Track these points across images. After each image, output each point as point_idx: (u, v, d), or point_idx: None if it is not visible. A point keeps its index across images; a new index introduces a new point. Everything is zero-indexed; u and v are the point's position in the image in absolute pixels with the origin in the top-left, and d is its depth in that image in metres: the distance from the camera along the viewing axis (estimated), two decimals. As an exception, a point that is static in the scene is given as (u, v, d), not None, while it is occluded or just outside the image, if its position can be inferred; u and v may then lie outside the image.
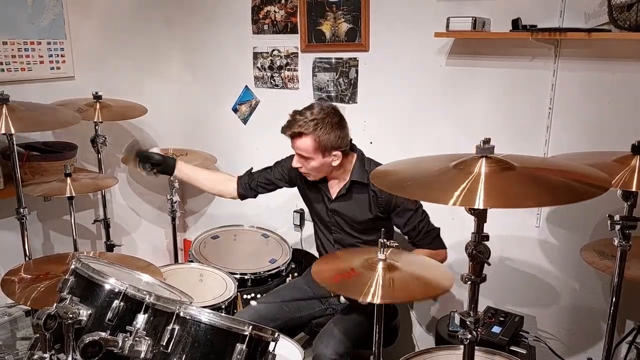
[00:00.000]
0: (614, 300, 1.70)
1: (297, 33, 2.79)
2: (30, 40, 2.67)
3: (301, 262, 2.67)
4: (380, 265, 1.60)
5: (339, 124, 2.05)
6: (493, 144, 1.29)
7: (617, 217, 1.59)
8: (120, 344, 1.31)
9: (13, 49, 2.61)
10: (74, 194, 2.31)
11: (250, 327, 1.36)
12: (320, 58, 2.75)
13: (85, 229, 3.06)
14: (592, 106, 2.07)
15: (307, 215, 2.71)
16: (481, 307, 2.17)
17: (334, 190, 2.18)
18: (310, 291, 2.26)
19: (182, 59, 3.37)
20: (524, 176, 1.26)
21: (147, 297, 1.43)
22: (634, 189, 1.51)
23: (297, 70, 2.86)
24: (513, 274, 2.38)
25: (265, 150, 3.06)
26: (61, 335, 1.37)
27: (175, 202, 2.92)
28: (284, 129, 2.06)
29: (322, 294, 2.22)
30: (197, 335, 1.35)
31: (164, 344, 1.33)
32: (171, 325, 1.35)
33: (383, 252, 1.62)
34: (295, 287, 2.32)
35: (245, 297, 2.35)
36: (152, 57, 3.27)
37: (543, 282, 2.32)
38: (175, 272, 2.41)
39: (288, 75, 2.90)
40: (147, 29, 3.21)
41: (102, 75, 2.98)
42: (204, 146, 3.23)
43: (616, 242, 1.61)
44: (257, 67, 3.01)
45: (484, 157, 1.28)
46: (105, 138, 2.79)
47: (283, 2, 2.81)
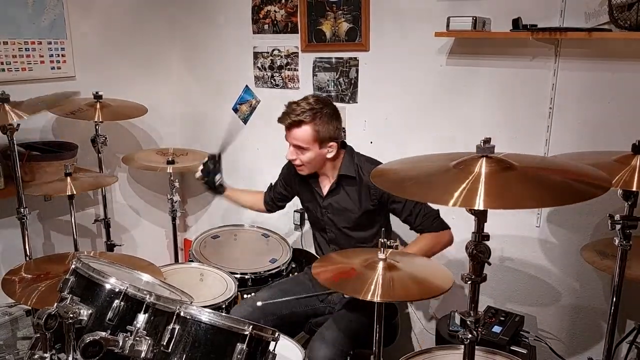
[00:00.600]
0: (614, 300, 1.70)
1: (298, 33, 2.79)
2: (31, 40, 2.68)
3: (301, 262, 2.66)
4: (381, 264, 1.61)
5: (335, 114, 2.07)
6: (493, 144, 1.29)
7: (617, 217, 1.59)
8: (120, 343, 1.31)
9: (14, 49, 2.62)
10: (74, 192, 2.31)
11: (251, 326, 1.36)
12: (320, 58, 2.75)
13: (85, 228, 3.06)
14: (593, 106, 2.07)
15: (307, 215, 2.71)
16: (481, 307, 2.17)
17: (325, 187, 2.20)
18: (310, 285, 2.26)
19: (183, 59, 3.37)
20: (525, 176, 1.26)
21: (148, 296, 1.43)
22: (634, 189, 1.51)
23: (298, 70, 2.86)
24: (513, 273, 2.38)
25: (266, 150, 3.07)
26: (62, 335, 1.37)
27: (176, 201, 2.92)
28: (282, 119, 2.04)
29: (323, 289, 2.21)
30: (197, 335, 1.35)
31: (165, 344, 1.33)
32: (171, 325, 1.35)
33: (383, 252, 1.63)
34: (296, 281, 2.33)
35: (246, 296, 2.35)
36: (153, 57, 3.27)
37: (543, 281, 2.32)
38: (176, 271, 2.41)
39: (288, 75, 2.90)
40: (148, 29, 3.22)
41: (103, 75, 2.99)
42: (204, 146, 3.23)
43: (617, 241, 1.61)
44: (258, 66, 3.01)
45: (484, 157, 1.27)
46: (106, 138, 2.79)
47: (283, 1, 2.81)
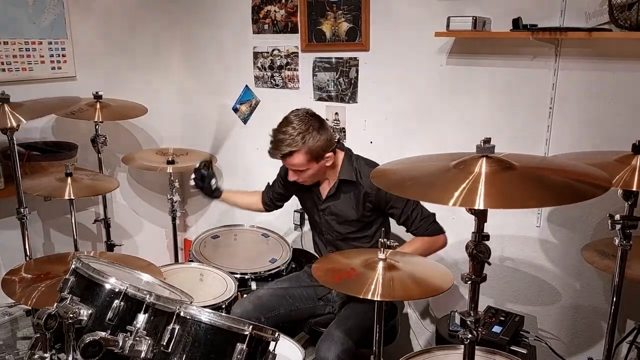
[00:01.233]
0: (614, 299, 1.70)
1: (298, 33, 2.79)
2: (32, 40, 2.68)
3: (301, 262, 2.66)
4: (381, 264, 1.61)
5: (322, 127, 2.03)
6: (493, 144, 1.29)
7: (617, 217, 1.59)
8: (120, 343, 1.31)
9: (14, 49, 2.62)
10: (72, 197, 2.29)
11: (251, 326, 1.36)
12: (320, 58, 2.75)
13: (85, 228, 3.06)
14: (593, 105, 2.07)
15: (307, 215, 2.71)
16: (482, 307, 2.16)
17: (324, 190, 2.19)
18: (311, 284, 2.26)
19: (183, 58, 3.37)
20: (525, 176, 1.26)
21: (148, 296, 1.43)
22: (634, 189, 1.51)
23: (298, 70, 2.86)
24: (513, 273, 2.38)
25: (265, 150, 3.05)
26: (61, 335, 1.37)
27: (176, 201, 2.92)
28: (272, 153, 2.05)
29: (323, 287, 2.22)
30: (197, 335, 1.35)
31: (165, 344, 1.33)
32: (171, 325, 1.35)
33: (383, 252, 1.63)
34: (296, 279, 2.33)
35: (246, 296, 2.35)
36: (153, 57, 3.27)
37: (544, 281, 2.32)
38: (176, 271, 2.41)
39: (288, 75, 2.90)
40: (148, 28, 3.22)
41: (103, 75, 2.99)
42: (204, 146, 3.22)
43: (617, 241, 1.60)
44: (258, 66, 3.01)
45: (485, 157, 1.27)
46: (106, 138, 2.79)
47: (283, 1, 2.81)
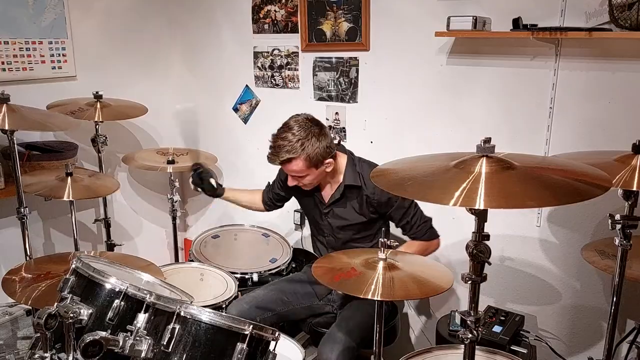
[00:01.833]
0: (614, 299, 1.70)
1: (298, 32, 2.79)
2: (32, 40, 2.67)
3: (302, 262, 2.66)
4: (381, 264, 1.61)
5: (321, 133, 2.01)
6: (493, 143, 1.29)
7: (617, 217, 1.59)
8: (120, 343, 1.31)
9: (14, 49, 2.62)
10: (72, 199, 2.30)
11: (251, 326, 1.36)
12: (320, 57, 2.75)
13: (86, 228, 3.06)
14: (593, 105, 2.07)
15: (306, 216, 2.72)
16: (482, 307, 2.17)
17: (326, 194, 2.18)
18: (309, 284, 2.26)
19: (183, 58, 3.37)
20: (525, 176, 1.26)
21: (148, 296, 1.43)
22: (634, 189, 1.51)
23: (298, 70, 2.86)
24: (514, 273, 2.38)
25: (266, 150, 3.05)
26: (62, 335, 1.37)
27: (176, 201, 2.92)
28: (271, 159, 2.04)
29: (323, 287, 2.22)
30: (197, 334, 1.35)
31: (165, 344, 1.33)
32: (172, 324, 1.35)
33: (383, 252, 1.63)
34: (295, 280, 2.33)
35: (242, 297, 2.35)
36: (153, 56, 3.27)
37: (544, 281, 2.32)
38: (176, 271, 2.41)
39: (288, 75, 2.90)
40: (148, 28, 3.22)
41: (103, 75, 2.98)
42: (204, 146, 3.23)
43: (617, 241, 1.61)
44: (258, 66, 3.01)
45: (485, 157, 1.27)
46: (106, 137, 2.79)
47: (283, 1, 2.81)
